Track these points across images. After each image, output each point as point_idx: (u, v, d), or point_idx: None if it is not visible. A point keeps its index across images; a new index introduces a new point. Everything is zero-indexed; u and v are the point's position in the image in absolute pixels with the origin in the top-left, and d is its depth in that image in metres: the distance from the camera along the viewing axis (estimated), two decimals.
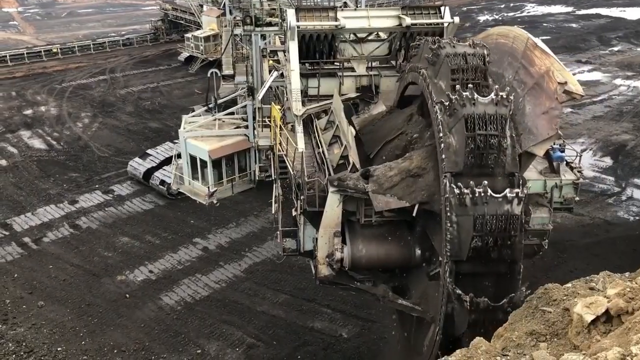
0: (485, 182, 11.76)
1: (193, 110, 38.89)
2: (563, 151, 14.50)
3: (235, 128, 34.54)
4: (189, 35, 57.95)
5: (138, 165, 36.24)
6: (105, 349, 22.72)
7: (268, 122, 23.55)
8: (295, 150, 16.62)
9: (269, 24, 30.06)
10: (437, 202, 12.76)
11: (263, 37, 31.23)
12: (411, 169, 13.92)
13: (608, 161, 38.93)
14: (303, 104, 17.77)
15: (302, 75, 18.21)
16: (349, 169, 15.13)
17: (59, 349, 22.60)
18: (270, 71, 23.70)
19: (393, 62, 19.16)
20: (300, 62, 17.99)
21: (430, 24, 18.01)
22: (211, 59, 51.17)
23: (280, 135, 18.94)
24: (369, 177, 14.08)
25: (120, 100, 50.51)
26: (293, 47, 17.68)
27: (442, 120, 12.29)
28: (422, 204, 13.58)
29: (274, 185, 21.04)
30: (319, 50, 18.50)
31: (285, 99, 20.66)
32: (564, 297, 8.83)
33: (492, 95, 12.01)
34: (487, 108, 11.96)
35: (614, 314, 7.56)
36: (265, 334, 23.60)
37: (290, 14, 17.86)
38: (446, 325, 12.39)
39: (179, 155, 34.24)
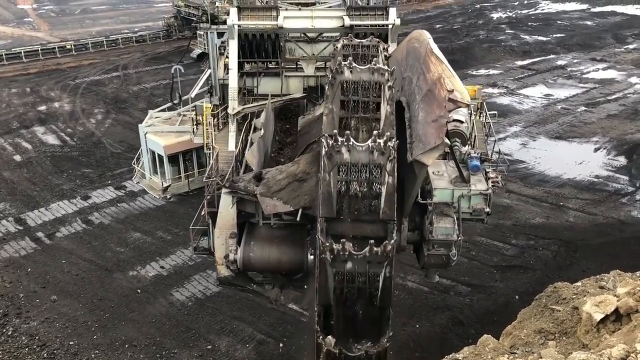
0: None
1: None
2: (484, 161, 13.92)
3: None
4: (201, 31, 58.10)
5: None
6: (117, 343, 22.85)
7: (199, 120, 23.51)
8: (212, 149, 16.75)
9: (225, 22, 29.84)
10: (317, 207, 12.23)
11: (220, 35, 31.07)
12: (297, 173, 13.77)
13: (622, 160, 38.56)
14: (249, 102, 17.72)
15: (247, 74, 18.20)
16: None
17: (71, 342, 22.78)
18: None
19: None
20: (245, 61, 18.00)
21: (375, 25, 17.87)
22: None
23: (211, 134, 18.93)
24: (261, 180, 13.93)
25: (133, 96, 50.82)
26: (233, 45, 17.65)
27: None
28: (305, 209, 13.41)
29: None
30: (263, 50, 18.37)
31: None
32: (574, 296, 8.76)
33: (369, 142, 11.43)
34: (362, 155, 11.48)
35: (623, 312, 7.45)
36: (276, 330, 23.63)
37: (232, 12, 17.83)
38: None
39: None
